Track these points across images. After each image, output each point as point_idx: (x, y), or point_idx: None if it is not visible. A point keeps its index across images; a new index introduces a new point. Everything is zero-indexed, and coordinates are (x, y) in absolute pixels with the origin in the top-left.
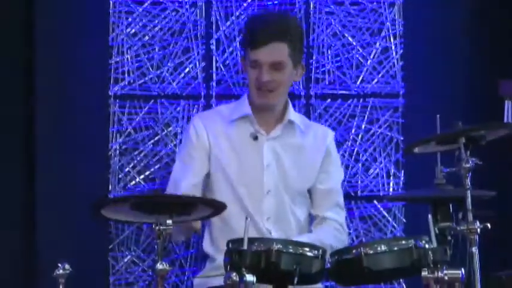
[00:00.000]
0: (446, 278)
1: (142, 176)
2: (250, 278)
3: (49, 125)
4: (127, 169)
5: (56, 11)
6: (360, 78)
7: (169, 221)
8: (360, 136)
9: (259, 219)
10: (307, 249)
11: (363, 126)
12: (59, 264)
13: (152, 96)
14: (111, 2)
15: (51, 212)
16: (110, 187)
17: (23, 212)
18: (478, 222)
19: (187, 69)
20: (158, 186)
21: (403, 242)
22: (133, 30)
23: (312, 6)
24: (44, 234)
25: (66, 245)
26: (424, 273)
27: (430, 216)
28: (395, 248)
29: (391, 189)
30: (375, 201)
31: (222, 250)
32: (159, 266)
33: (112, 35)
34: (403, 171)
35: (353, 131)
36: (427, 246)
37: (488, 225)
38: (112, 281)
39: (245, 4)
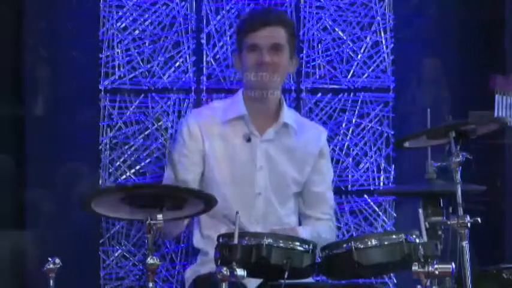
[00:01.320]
0: (436, 272)
1: (132, 171)
2: (240, 272)
3: (39, 119)
4: (117, 163)
5: (46, 5)
6: (351, 72)
7: (159, 216)
8: (350, 130)
9: (247, 221)
10: (297, 243)
11: (354, 121)
12: (50, 259)
13: (143, 90)
14: None
15: (42, 207)
16: (101, 181)
17: (13, 207)
18: (468, 217)
19: (177, 64)
20: (149, 181)
21: (394, 236)
22: (123, 25)
23: (302, 0)
24: (34, 228)
25: (57, 239)
26: (415, 267)
27: (420, 210)
28: (386, 243)
29: (381, 184)
30: (366, 196)
31: (213, 246)
32: (150, 260)
33: (102, 29)
34: (393, 166)
35: (343, 125)
36: (417, 240)
37: (479, 219)
38: (103, 275)
39: None
